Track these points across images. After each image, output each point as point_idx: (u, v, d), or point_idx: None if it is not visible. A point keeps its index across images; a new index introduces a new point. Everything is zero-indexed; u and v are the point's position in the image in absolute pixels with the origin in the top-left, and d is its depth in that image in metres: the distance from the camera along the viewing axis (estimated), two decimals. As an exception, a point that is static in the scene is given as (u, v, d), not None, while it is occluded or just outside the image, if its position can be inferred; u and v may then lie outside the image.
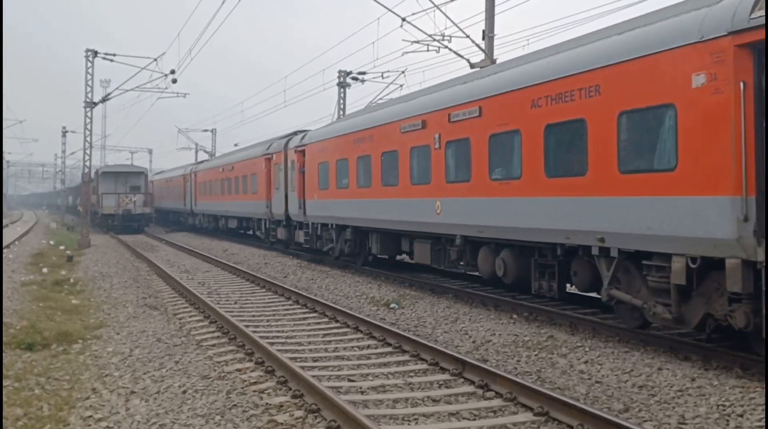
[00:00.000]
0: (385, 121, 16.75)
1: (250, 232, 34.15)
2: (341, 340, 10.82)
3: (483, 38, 19.57)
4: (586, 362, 9.13)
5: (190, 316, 13.11)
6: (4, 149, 33.37)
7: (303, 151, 22.77)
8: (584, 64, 10.23)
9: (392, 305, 13.90)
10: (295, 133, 25.59)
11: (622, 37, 9.80)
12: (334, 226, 20.49)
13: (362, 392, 7.87)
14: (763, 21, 7.56)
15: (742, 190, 7.79)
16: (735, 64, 7.90)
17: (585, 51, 10.44)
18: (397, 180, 16.05)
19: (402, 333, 10.39)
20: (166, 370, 8.88)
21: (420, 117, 14.99)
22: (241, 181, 31.32)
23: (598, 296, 11.08)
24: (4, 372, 8.52)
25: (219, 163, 37.53)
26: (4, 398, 7.46)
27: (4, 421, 6.74)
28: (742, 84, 7.81)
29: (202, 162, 44.95)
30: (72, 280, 18.45)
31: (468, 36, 20.29)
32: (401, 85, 27.28)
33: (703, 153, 8.31)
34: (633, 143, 9.46)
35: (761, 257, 7.62)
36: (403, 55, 25.02)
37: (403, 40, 25.67)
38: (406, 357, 9.53)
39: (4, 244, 28.25)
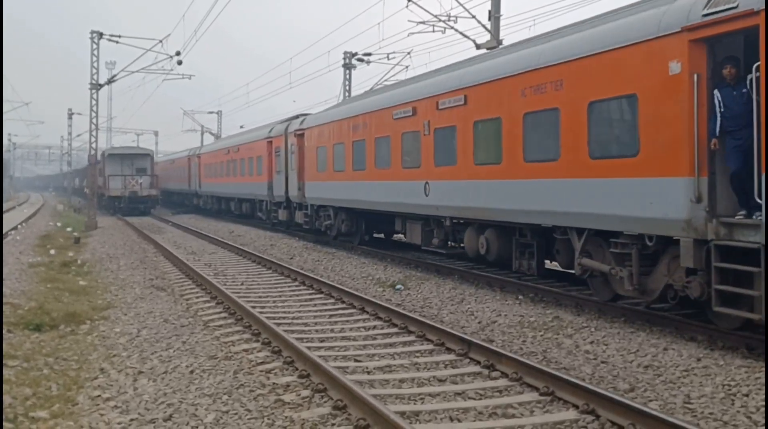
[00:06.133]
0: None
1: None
2: (347, 321, 10.86)
3: (489, 19, 19.43)
4: (591, 342, 9.15)
5: (197, 297, 13.17)
6: (10, 131, 33.35)
7: (302, 135, 23.84)
8: None
9: (398, 286, 13.93)
10: (296, 117, 26.21)
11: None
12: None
13: (368, 372, 7.91)
14: None
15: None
16: None
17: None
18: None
19: (408, 314, 10.42)
20: (174, 351, 8.94)
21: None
22: (246, 164, 31.97)
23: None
24: (13, 353, 8.59)
25: (223, 145, 38.26)
26: (13, 378, 7.53)
27: (13, 400, 6.80)
28: None
29: (204, 146, 46.72)
30: (79, 262, 18.54)
31: (474, 17, 20.19)
32: (407, 66, 27.10)
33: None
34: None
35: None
36: (408, 35, 24.87)
37: (408, 20, 25.49)
38: (412, 337, 9.57)
39: (11, 226, 28.40)
